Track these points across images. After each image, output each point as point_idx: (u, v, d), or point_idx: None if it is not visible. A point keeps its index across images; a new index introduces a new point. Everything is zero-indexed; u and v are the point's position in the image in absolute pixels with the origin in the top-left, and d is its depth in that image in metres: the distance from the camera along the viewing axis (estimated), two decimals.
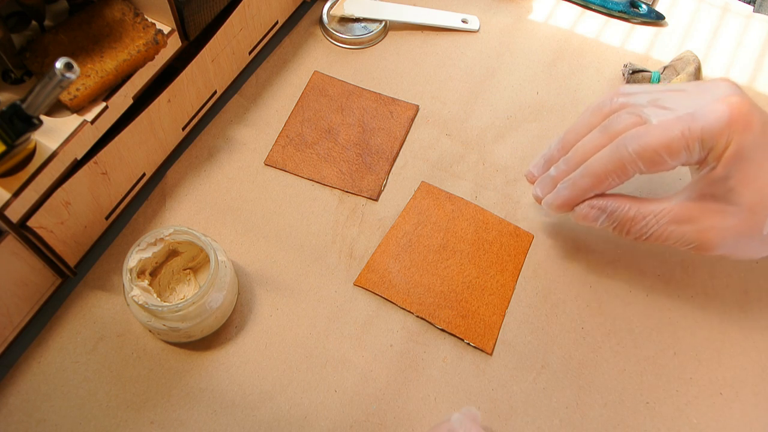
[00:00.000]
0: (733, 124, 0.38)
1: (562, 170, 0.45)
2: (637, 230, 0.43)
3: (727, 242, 0.41)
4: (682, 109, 0.40)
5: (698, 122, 0.39)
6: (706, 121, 0.38)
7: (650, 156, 0.40)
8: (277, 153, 0.53)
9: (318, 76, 0.57)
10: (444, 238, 0.50)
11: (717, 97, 0.39)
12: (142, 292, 0.42)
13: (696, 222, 0.41)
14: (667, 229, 0.42)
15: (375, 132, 0.54)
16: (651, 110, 0.41)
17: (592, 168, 0.42)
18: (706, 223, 0.41)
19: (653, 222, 0.42)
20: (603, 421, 0.44)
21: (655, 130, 0.39)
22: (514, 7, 0.63)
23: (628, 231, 0.43)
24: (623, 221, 0.43)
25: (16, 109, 0.35)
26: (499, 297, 0.47)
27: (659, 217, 0.42)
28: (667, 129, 0.39)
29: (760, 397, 0.45)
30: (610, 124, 0.42)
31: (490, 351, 0.45)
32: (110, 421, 0.42)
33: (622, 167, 0.41)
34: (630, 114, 0.41)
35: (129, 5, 0.44)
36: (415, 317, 0.47)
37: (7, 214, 0.38)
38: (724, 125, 0.38)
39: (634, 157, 0.40)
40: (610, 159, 0.41)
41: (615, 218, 0.43)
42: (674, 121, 0.39)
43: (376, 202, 0.51)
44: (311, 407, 0.43)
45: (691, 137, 0.39)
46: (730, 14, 0.63)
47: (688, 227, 0.41)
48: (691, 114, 0.39)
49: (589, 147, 0.43)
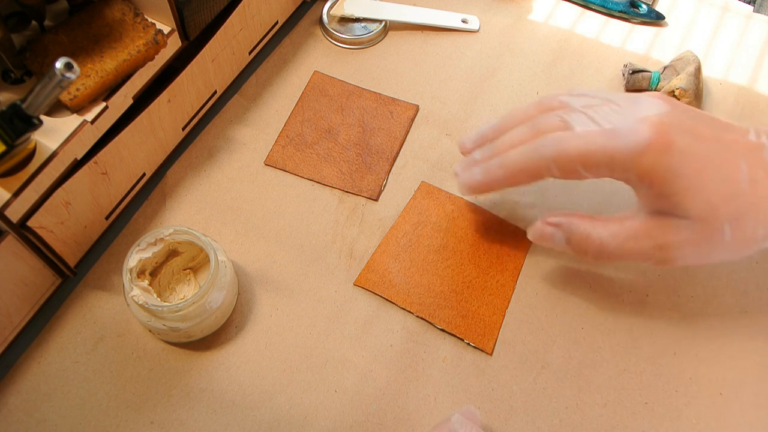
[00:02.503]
0: (652, 146, 0.38)
1: (485, 157, 0.44)
2: (595, 249, 0.42)
3: (687, 254, 0.40)
4: (607, 123, 0.40)
5: (617, 140, 0.38)
6: (625, 141, 0.38)
7: (565, 164, 0.40)
8: (277, 153, 0.53)
9: (318, 76, 0.57)
10: (444, 238, 0.50)
11: (641, 116, 0.39)
12: (142, 292, 0.42)
13: (653, 238, 0.40)
14: (625, 246, 0.41)
15: (375, 132, 0.54)
16: (578, 117, 0.40)
17: (507, 161, 0.42)
18: (662, 239, 0.40)
19: (610, 240, 0.41)
20: (603, 421, 0.44)
21: (574, 140, 0.39)
22: (514, 7, 0.63)
23: (585, 250, 0.42)
24: (579, 240, 0.42)
25: (16, 109, 0.35)
26: (499, 297, 0.47)
27: (615, 235, 0.41)
28: (586, 141, 0.39)
29: (760, 397, 0.45)
30: (538, 122, 0.42)
31: (490, 351, 0.45)
32: (110, 421, 0.42)
33: (536, 168, 0.41)
34: (557, 117, 0.41)
35: (129, 5, 0.44)
36: (415, 317, 0.47)
37: (7, 214, 0.38)
38: (642, 147, 0.38)
39: (549, 162, 0.40)
40: (527, 157, 0.41)
41: (571, 237, 0.42)
42: (595, 134, 0.39)
43: (376, 202, 0.51)
44: (311, 407, 0.43)
45: (608, 154, 0.39)
46: (730, 14, 0.63)
47: (645, 243, 0.40)
48: (613, 131, 0.39)
49: (513, 140, 0.43)
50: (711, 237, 0.39)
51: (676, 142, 0.38)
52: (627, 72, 0.57)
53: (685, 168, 0.38)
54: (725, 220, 0.38)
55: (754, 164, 0.39)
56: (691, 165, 0.38)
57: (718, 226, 0.38)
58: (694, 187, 0.38)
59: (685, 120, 0.39)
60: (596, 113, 0.40)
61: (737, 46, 0.61)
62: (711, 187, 0.38)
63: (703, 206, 0.38)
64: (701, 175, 0.38)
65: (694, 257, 0.40)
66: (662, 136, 0.38)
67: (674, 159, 0.38)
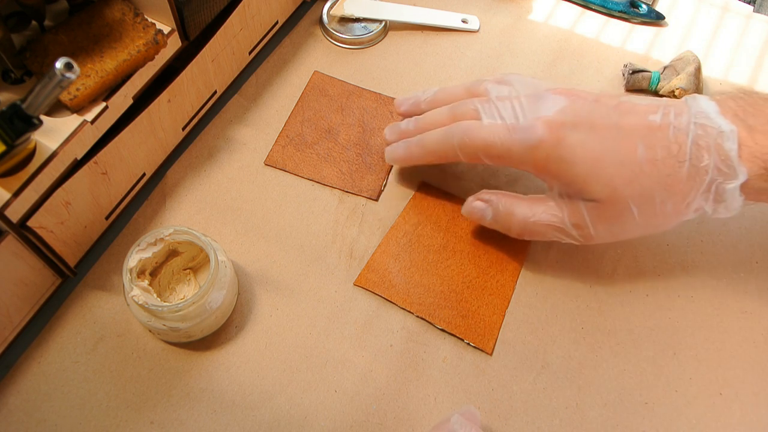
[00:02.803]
0: (543, 141, 0.42)
1: (409, 129, 0.49)
2: (518, 226, 0.46)
3: (601, 231, 0.44)
4: (512, 118, 0.44)
5: (515, 135, 0.43)
6: (521, 136, 0.43)
7: (469, 151, 0.45)
8: (277, 153, 0.53)
9: (318, 76, 0.57)
10: (444, 238, 0.50)
11: (539, 115, 0.43)
12: (142, 292, 0.42)
13: (569, 217, 0.44)
14: (544, 224, 0.45)
15: (375, 132, 0.54)
16: (489, 109, 0.45)
17: (424, 142, 0.47)
18: (576, 218, 0.44)
19: (531, 218, 0.45)
20: (602, 421, 0.44)
21: (480, 131, 0.44)
22: (514, 7, 0.63)
23: (509, 227, 0.46)
24: (504, 216, 0.46)
25: (16, 109, 0.35)
26: (499, 297, 0.47)
27: (537, 214, 0.45)
28: (489, 133, 0.44)
29: (760, 397, 0.45)
30: (456, 107, 0.47)
31: (490, 351, 0.45)
32: (110, 421, 0.42)
33: (446, 152, 0.46)
34: (473, 105, 0.46)
35: (129, 5, 0.44)
36: (415, 317, 0.47)
37: (7, 214, 0.38)
38: (535, 142, 0.42)
39: (456, 148, 0.45)
40: (439, 141, 0.46)
41: (497, 213, 0.46)
42: (498, 128, 0.44)
43: (376, 202, 0.51)
44: (311, 407, 0.43)
45: (505, 148, 0.43)
46: (730, 14, 0.63)
47: (561, 222, 0.44)
48: (514, 126, 0.43)
49: (435, 119, 0.48)
50: (620, 216, 0.43)
51: (566, 137, 0.42)
52: (627, 72, 0.57)
53: (579, 157, 0.42)
54: (630, 199, 0.42)
55: (652, 144, 0.41)
56: (586, 154, 0.42)
57: (624, 206, 0.42)
58: (592, 174, 0.42)
59: (581, 113, 0.43)
60: (505, 107, 0.44)
61: (737, 46, 0.61)
62: (609, 170, 0.41)
63: (604, 189, 0.42)
64: (598, 162, 0.42)
65: (610, 234, 0.44)
66: (553, 132, 0.42)
67: (566, 151, 0.42)
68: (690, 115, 0.41)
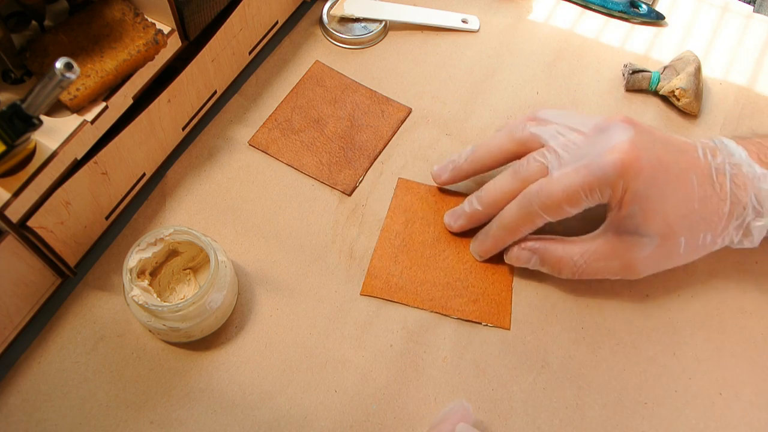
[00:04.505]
0: (625, 173, 0.41)
1: (475, 209, 0.48)
2: (568, 270, 0.46)
3: (650, 267, 0.45)
4: (578, 157, 0.43)
5: (594, 174, 0.42)
6: (602, 173, 0.41)
7: (554, 209, 0.43)
8: (262, 135, 0.53)
9: (318, 66, 0.57)
10: (435, 231, 0.50)
11: (610, 146, 0.42)
12: (142, 292, 0.42)
13: (619, 256, 0.44)
14: (595, 265, 0.45)
15: (362, 128, 0.54)
16: (553, 159, 0.44)
17: (504, 221, 0.46)
18: (628, 256, 0.44)
19: (581, 261, 0.45)
20: (602, 421, 0.44)
21: (555, 185, 0.43)
22: (514, 7, 0.63)
23: (560, 271, 0.46)
24: (553, 262, 0.46)
25: (16, 109, 0.35)
26: (501, 273, 0.48)
27: (586, 257, 0.45)
28: (566, 184, 0.42)
29: (760, 397, 0.45)
30: (520, 168, 0.45)
31: (508, 326, 0.46)
32: (110, 421, 0.42)
33: (531, 220, 0.45)
34: (536, 162, 0.44)
35: (129, 5, 0.44)
36: (415, 317, 0.47)
37: (7, 214, 0.38)
38: (617, 175, 0.41)
39: (540, 212, 0.44)
40: (519, 214, 0.45)
41: (545, 260, 0.46)
42: (572, 174, 0.42)
43: (375, 202, 0.51)
44: (311, 407, 0.43)
45: (587, 190, 0.42)
46: (730, 14, 0.63)
47: (613, 262, 0.45)
48: (587, 165, 0.42)
49: (499, 188, 0.46)
50: (670, 252, 0.44)
51: (644, 168, 0.41)
52: (627, 72, 0.57)
53: (651, 190, 0.42)
54: (681, 234, 0.43)
55: (703, 183, 0.43)
56: (656, 189, 0.42)
57: (675, 241, 0.43)
58: (654, 209, 0.42)
59: (649, 145, 0.42)
60: (568, 149, 0.44)
61: (737, 46, 0.61)
62: (670, 208, 0.42)
63: (662, 225, 0.43)
64: (664, 197, 0.42)
65: (655, 267, 0.45)
66: (632, 162, 0.41)
67: (642, 184, 0.41)
68: (724, 155, 0.44)
